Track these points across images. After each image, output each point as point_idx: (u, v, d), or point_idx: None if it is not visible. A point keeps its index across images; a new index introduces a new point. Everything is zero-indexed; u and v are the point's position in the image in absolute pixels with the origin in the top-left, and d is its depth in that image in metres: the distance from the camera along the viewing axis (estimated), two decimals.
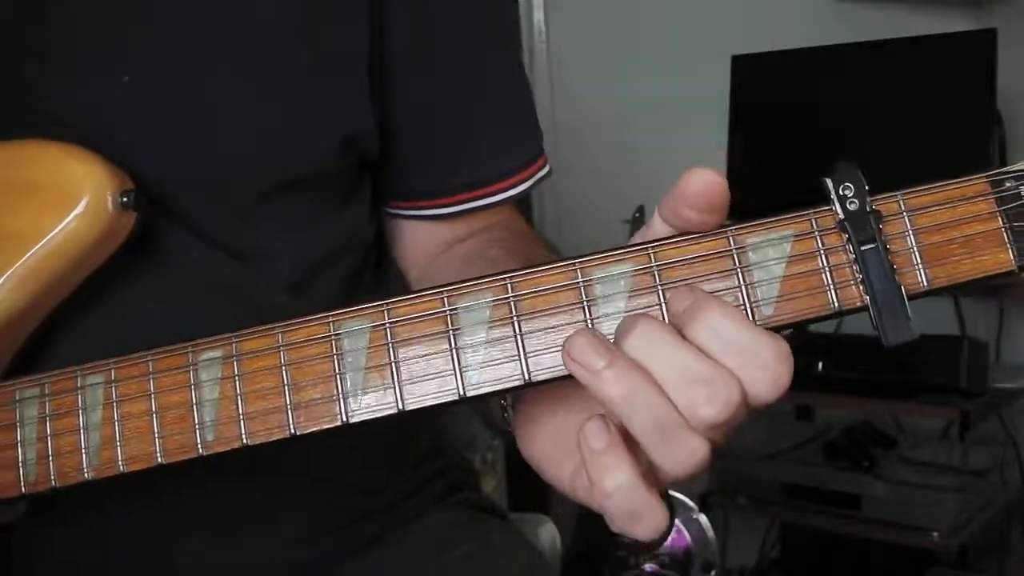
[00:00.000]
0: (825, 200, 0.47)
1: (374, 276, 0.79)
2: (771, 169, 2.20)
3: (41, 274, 0.60)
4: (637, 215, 2.37)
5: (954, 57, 2.03)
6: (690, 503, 1.73)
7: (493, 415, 0.57)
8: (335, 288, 0.74)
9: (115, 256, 0.62)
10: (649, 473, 0.46)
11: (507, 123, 0.78)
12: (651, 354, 0.44)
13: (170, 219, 0.66)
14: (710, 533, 1.69)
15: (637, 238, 0.50)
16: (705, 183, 0.46)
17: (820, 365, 1.97)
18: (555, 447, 0.51)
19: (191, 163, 0.65)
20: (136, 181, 0.62)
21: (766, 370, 0.44)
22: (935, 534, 1.84)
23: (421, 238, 0.79)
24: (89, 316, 0.65)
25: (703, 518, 1.69)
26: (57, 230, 0.59)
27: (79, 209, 0.59)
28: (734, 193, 0.47)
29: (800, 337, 2.19)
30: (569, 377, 0.47)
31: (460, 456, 0.89)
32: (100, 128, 0.63)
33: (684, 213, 0.46)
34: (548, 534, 1.00)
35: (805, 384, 1.98)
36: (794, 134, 2.22)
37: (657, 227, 0.49)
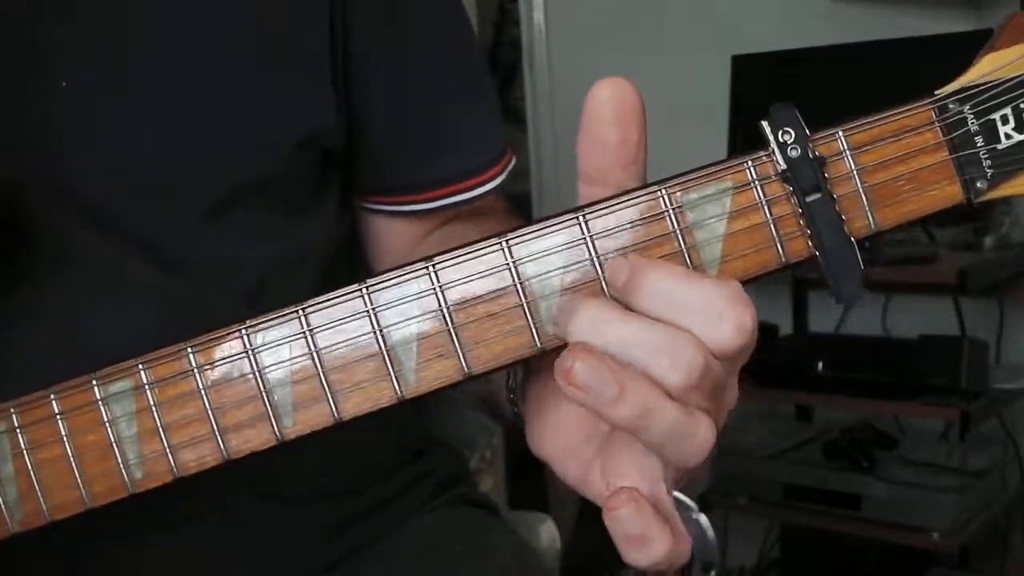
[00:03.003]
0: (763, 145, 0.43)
1: (348, 276, 0.78)
2: None
3: None
4: None
5: (954, 57, 2.02)
6: (690, 503, 1.72)
7: (505, 412, 0.55)
8: (304, 293, 0.72)
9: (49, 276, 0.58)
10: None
11: (476, 119, 0.78)
12: (602, 336, 0.42)
13: (119, 235, 0.63)
14: (710, 533, 1.68)
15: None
16: (611, 89, 0.44)
17: (820, 365, 1.97)
18: (556, 443, 0.49)
19: (137, 172, 0.62)
20: (79, 192, 0.59)
21: (724, 319, 0.41)
22: (935, 534, 1.84)
23: (399, 234, 0.78)
24: (36, 343, 0.62)
25: (703, 518, 1.68)
26: None
27: None
28: None
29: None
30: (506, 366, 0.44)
31: (453, 452, 0.87)
32: (39, 137, 0.61)
33: (601, 134, 0.43)
34: (548, 533, 1.00)
35: (805, 384, 1.98)
36: None
37: (584, 192, 0.46)
